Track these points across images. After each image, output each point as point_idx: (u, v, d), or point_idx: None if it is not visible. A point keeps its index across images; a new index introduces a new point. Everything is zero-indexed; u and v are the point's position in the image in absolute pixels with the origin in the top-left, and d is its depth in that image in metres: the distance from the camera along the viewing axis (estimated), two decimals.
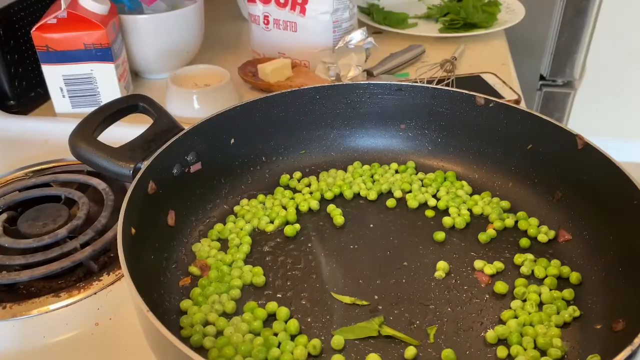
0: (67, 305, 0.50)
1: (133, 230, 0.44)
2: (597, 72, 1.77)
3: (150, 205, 0.49)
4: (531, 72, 1.46)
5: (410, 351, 0.42)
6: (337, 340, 0.43)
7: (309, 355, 0.43)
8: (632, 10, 1.78)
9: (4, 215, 0.58)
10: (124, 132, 0.58)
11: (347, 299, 0.47)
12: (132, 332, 0.47)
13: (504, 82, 0.84)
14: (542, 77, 1.48)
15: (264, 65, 0.84)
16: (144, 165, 0.49)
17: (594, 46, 1.45)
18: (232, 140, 0.58)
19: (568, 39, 1.39)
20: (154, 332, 0.35)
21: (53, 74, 0.75)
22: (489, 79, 0.85)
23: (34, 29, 0.72)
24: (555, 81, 1.47)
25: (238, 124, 0.58)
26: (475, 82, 0.84)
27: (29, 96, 0.83)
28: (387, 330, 0.44)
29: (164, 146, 0.51)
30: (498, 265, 0.50)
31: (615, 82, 1.93)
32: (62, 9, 0.71)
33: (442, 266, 0.50)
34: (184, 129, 0.54)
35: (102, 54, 0.74)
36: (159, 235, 0.50)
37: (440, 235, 0.54)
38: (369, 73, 0.86)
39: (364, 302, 0.47)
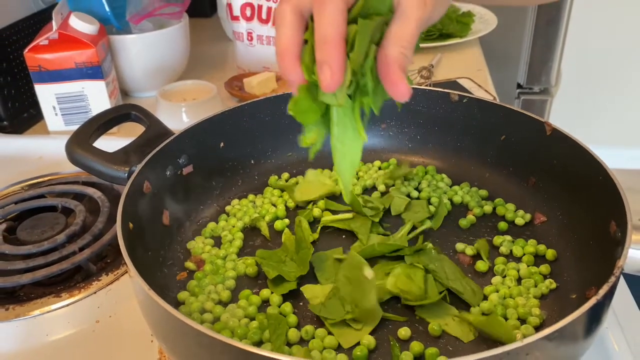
0: (68, 305, 0.52)
1: (131, 225, 0.46)
2: (572, 79, 1.82)
3: (146, 204, 0.51)
4: (508, 81, 1.51)
5: (405, 331, 0.44)
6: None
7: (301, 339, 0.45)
8: (601, 16, 1.84)
9: (3, 225, 0.60)
10: (118, 144, 0.60)
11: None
12: (132, 328, 0.49)
13: (479, 85, 0.88)
14: (519, 86, 1.53)
15: (249, 78, 0.87)
16: (139, 165, 0.51)
17: (567, 53, 1.50)
18: (222, 144, 0.61)
19: (542, 47, 1.45)
20: (155, 310, 0.37)
21: (46, 93, 0.78)
22: (465, 83, 0.89)
23: (26, 50, 0.75)
24: (532, 89, 1.52)
25: (227, 128, 0.61)
26: (452, 86, 0.88)
27: (22, 117, 0.85)
28: None
29: (157, 149, 0.53)
30: (478, 246, 0.53)
31: (590, 87, 1.99)
32: (54, 29, 0.74)
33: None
34: (175, 134, 0.57)
35: (93, 72, 0.77)
36: (155, 233, 0.52)
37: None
38: None
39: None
